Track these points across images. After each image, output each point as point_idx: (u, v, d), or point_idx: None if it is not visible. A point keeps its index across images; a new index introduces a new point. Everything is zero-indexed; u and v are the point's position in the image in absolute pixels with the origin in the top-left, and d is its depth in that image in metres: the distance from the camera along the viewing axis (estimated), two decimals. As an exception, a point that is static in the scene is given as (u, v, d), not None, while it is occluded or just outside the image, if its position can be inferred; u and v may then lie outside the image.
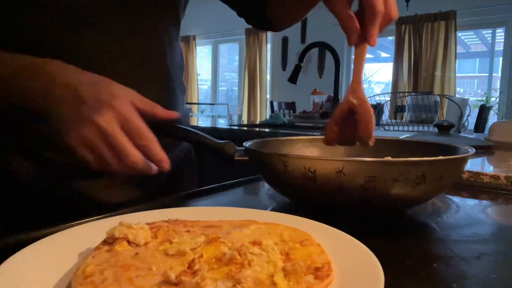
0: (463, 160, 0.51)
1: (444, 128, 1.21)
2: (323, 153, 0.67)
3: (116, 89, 0.47)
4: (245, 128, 2.43)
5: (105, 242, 0.34)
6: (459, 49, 4.95)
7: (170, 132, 0.58)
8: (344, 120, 0.55)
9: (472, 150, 0.54)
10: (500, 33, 4.84)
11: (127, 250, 0.33)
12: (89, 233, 0.37)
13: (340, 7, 0.54)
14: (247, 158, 0.56)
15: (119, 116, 0.45)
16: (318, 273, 0.29)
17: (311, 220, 0.42)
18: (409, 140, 0.71)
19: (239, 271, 0.28)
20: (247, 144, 0.58)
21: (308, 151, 0.68)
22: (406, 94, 3.41)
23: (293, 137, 0.71)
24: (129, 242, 0.33)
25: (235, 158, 0.57)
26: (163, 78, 0.65)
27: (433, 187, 0.48)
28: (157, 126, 0.61)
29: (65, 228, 0.39)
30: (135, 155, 0.46)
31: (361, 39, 0.55)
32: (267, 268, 0.29)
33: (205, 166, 1.85)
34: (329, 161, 0.46)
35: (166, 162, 0.48)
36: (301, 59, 1.99)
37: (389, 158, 0.47)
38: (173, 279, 0.27)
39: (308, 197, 0.52)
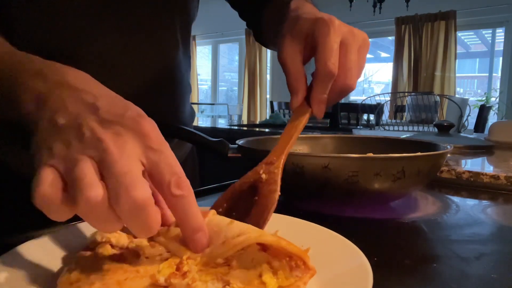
0: (441, 156, 0.53)
1: (444, 128, 1.21)
2: (312, 150, 0.71)
3: (139, 109, 0.31)
4: (245, 128, 2.43)
5: (87, 247, 0.33)
6: (459, 49, 4.95)
7: (172, 132, 0.60)
8: (238, 198, 0.41)
9: (451, 147, 0.56)
10: (500, 33, 4.84)
11: (111, 253, 0.31)
12: (69, 237, 0.36)
13: (290, 59, 0.45)
14: (239, 155, 0.60)
15: (145, 144, 0.28)
16: (302, 264, 0.28)
17: (292, 217, 0.41)
18: (391, 138, 0.74)
19: (228, 272, 0.28)
20: (240, 142, 0.61)
21: (298, 148, 0.71)
22: (406, 94, 3.42)
23: None
24: (112, 245, 0.32)
25: (228, 155, 0.60)
26: (171, 78, 0.65)
27: (412, 182, 0.51)
28: (159, 126, 0.63)
29: (43, 234, 0.37)
30: (146, 195, 0.26)
31: (306, 104, 0.46)
32: (253, 267, 0.28)
33: (204, 166, 1.85)
34: (315, 157, 0.49)
35: (205, 233, 0.30)
36: (301, 59, 1.99)
37: (371, 155, 0.49)
38: (163, 283, 0.27)
39: (296, 191, 0.54)
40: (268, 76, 6.32)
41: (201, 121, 6.22)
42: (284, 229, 0.29)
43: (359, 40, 0.45)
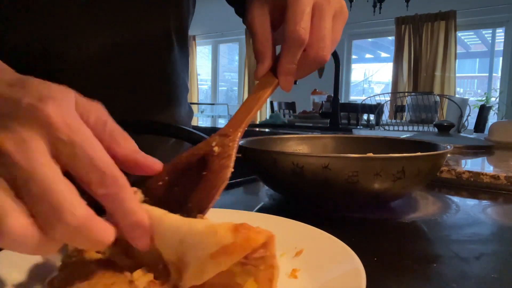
0: (441, 156, 0.53)
1: (444, 128, 1.21)
2: (312, 150, 0.71)
3: (53, 88, 0.25)
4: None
5: (70, 254, 0.31)
6: (459, 49, 4.95)
7: (171, 131, 0.60)
8: (183, 172, 0.36)
9: (451, 147, 0.56)
10: (500, 33, 4.84)
11: (97, 258, 0.30)
12: None
13: (258, 21, 0.40)
14: (239, 155, 0.59)
15: (52, 136, 0.23)
16: (260, 247, 0.25)
17: (285, 218, 0.41)
18: (391, 138, 0.74)
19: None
20: (240, 142, 0.60)
21: (298, 148, 0.71)
22: (406, 94, 3.42)
23: (284, 135, 0.73)
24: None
25: None
26: (166, 78, 0.64)
27: (412, 182, 0.51)
28: (154, 125, 0.61)
29: None
30: (81, 215, 0.22)
31: (272, 75, 0.41)
32: (228, 270, 0.26)
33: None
34: (315, 157, 0.49)
35: (144, 230, 0.25)
36: (301, 59, 1.99)
37: (371, 154, 0.49)
38: None
39: (296, 192, 0.54)
40: (268, 76, 6.32)
41: (201, 121, 6.22)
42: (276, 230, 0.28)
43: (335, 6, 0.40)
